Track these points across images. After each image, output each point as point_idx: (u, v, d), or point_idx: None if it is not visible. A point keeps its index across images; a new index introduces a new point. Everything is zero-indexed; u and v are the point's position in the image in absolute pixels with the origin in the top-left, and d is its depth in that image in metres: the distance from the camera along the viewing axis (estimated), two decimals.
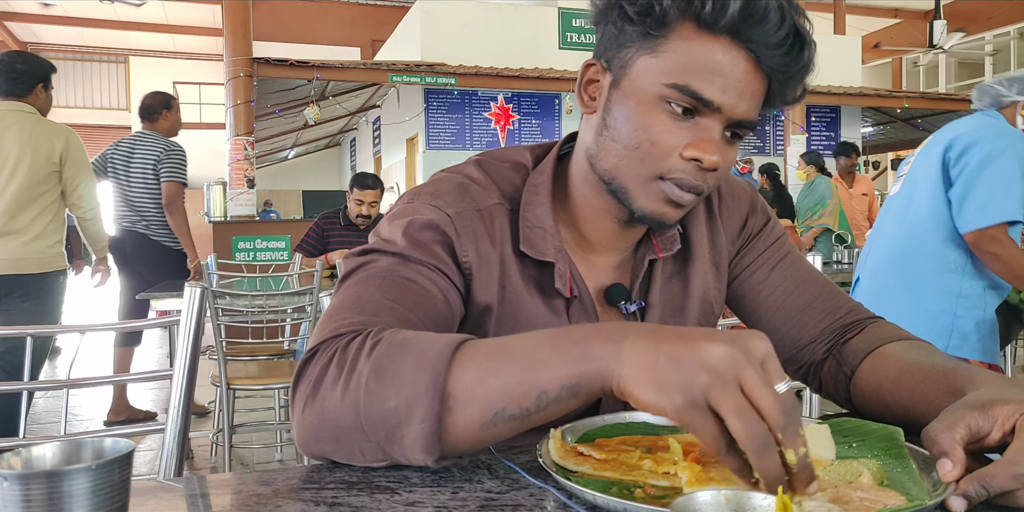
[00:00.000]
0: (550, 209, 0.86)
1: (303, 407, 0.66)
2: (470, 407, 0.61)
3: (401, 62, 8.38)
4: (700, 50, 0.75)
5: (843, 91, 9.79)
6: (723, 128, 0.77)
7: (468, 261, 0.83)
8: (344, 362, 0.66)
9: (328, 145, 16.21)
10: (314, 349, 0.70)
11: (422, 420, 0.61)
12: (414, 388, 0.62)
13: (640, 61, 0.78)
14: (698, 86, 0.75)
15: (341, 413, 0.64)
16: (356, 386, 0.64)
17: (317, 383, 0.66)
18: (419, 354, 0.63)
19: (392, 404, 0.62)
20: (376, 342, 0.66)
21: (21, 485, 0.44)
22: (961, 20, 13.06)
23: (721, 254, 0.96)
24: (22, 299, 2.90)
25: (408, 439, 0.62)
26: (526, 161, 0.91)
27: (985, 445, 0.62)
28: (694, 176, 0.78)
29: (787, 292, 0.95)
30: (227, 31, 7.12)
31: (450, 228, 0.82)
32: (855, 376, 0.87)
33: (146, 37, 15.22)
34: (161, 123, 4.02)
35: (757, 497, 0.46)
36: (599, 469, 0.64)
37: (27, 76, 3.03)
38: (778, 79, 0.77)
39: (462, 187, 0.86)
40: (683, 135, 0.77)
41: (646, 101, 0.77)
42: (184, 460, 1.01)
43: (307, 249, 3.96)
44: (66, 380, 1.05)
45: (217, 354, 2.84)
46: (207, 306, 1.16)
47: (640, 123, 0.78)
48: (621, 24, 0.78)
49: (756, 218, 0.99)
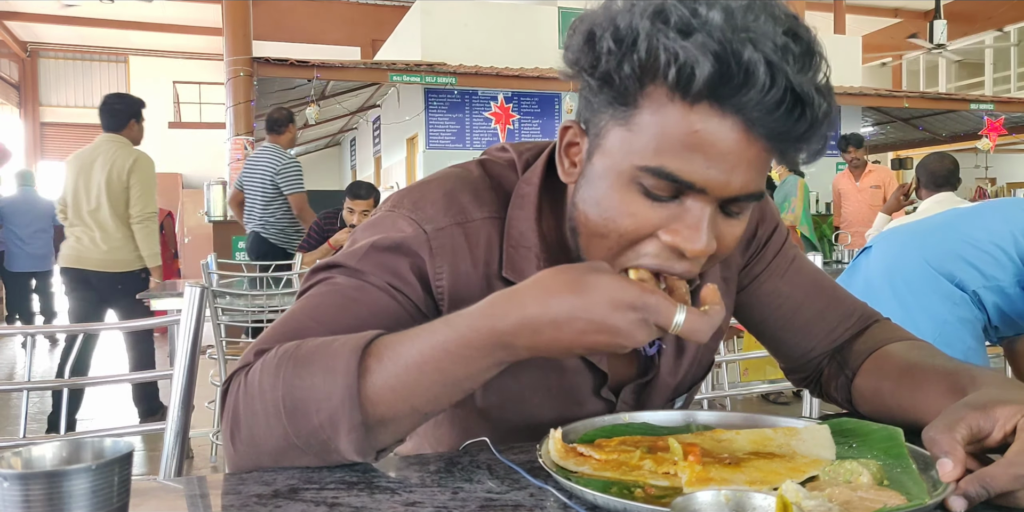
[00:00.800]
0: (535, 224, 0.78)
1: (232, 444, 0.68)
2: (388, 408, 0.64)
3: (401, 62, 8.37)
4: (675, 122, 0.62)
5: (843, 91, 9.78)
6: (716, 206, 0.66)
7: (441, 285, 0.76)
8: (253, 392, 0.67)
9: (328, 145, 16.19)
10: (229, 379, 0.71)
11: (348, 431, 0.64)
12: (330, 403, 0.63)
13: (613, 134, 0.67)
14: (675, 167, 0.63)
15: (272, 438, 0.66)
16: (275, 411, 0.65)
17: (235, 417, 0.68)
18: (326, 368, 0.64)
19: (316, 422, 0.64)
20: (278, 362, 0.66)
21: (21, 485, 0.44)
22: (961, 20, 13.05)
23: (731, 268, 0.91)
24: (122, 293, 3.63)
25: (343, 448, 0.65)
26: (517, 162, 0.83)
27: (986, 445, 0.62)
28: (673, 263, 0.67)
29: (797, 302, 0.91)
30: (227, 31, 7.12)
31: (423, 248, 0.75)
32: (856, 377, 0.86)
33: (146, 37, 15.21)
34: (285, 135, 4.62)
35: (757, 497, 0.46)
36: (599, 469, 0.64)
37: (123, 114, 3.72)
38: (780, 145, 0.64)
39: (451, 195, 0.78)
40: (663, 216, 0.66)
41: (619, 184, 0.66)
42: (184, 460, 1.01)
43: (308, 248, 4.00)
44: (66, 380, 1.05)
45: (217, 354, 2.84)
46: (207, 306, 1.16)
47: (611, 212, 0.67)
48: (590, 90, 0.68)
49: (766, 225, 0.93)
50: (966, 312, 1.98)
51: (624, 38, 0.62)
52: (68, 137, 16.46)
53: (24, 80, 16.13)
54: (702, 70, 0.59)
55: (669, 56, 0.60)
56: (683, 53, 0.59)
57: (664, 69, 0.60)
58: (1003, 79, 14.41)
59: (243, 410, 0.68)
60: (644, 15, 0.61)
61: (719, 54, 0.58)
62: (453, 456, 0.72)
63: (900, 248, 2.13)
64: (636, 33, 0.61)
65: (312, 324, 0.72)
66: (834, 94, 0.65)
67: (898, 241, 2.16)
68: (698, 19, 0.59)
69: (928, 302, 2.00)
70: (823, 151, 0.65)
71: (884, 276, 2.09)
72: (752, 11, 0.60)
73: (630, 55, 0.62)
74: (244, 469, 0.69)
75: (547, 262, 0.77)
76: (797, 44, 0.61)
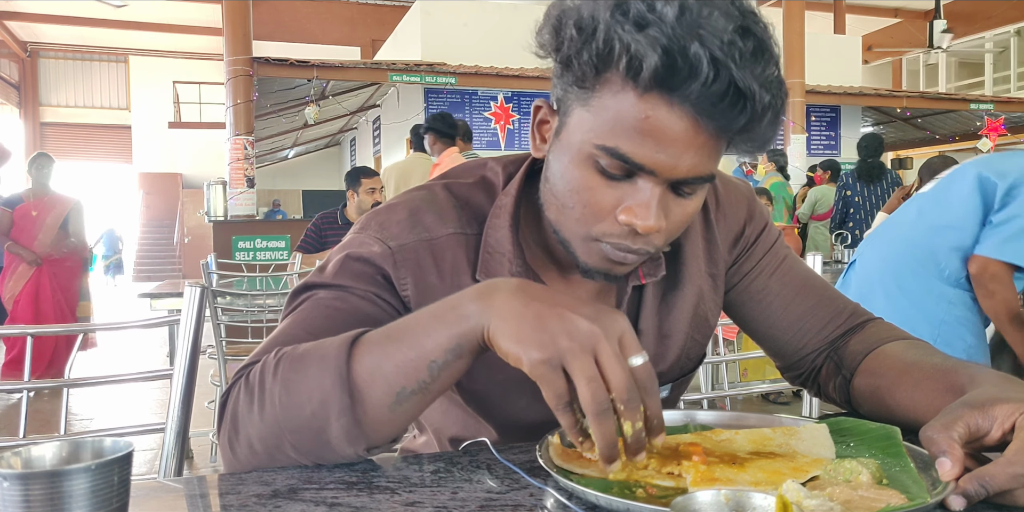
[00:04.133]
0: (509, 233, 0.81)
1: (231, 447, 0.69)
2: (375, 393, 0.65)
3: (401, 62, 8.38)
4: (628, 107, 0.66)
5: (843, 91, 9.79)
6: (666, 187, 0.70)
7: (407, 294, 0.80)
8: (252, 390, 0.68)
9: (328, 145, 16.20)
10: (227, 390, 0.72)
11: (338, 416, 0.65)
12: (322, 389, 0.65)
13: (575, 113, 0.71)
14: (627, 149, 0.67)
15: (266, 436, 0.67)
16: (271, 406, 0.67)
17: (234, 418, 0.69)
18: (319, 358, 0.66)
19: (308, 411, 0.65)
20: (278, 361, 0.69)
21: (21, 485, 0.44)
22: (961, 20, 13.05)
23: (717, 264, 0.92)
24: None
25: (333, 438, 0.66)
26: (497, 180, 0.86)
27: (985, 444, 0.62)
28: (632, 240, 0.72)
29: (787, 300, 0.92)
30: (227, 31, 7.12)
31: (388, 262, 0.79)
32: (854, 377, 0.86)
33: (146, 37, 15.23)
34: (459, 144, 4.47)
35: (757, 497, 0.46)
36: (601, 470, 0.64)
37: (418, 138, 4.38)
38: (726, 135, 0.67)
39: (416, 215, 0.82)
40: (618, 196, 0.71)
41: (579, 159, 0.71)
42: (184, 460, 1.02)
43: (307, 249, 4.01)
44: (66, 380, 1.05)
45: (217, 354, 2.84)
46: (207, 306, 1.16)
47: (573, 184, 0.72)
48: (555, 70, 0.72)
49: (754, 224, 0.94)
50: (962, 311, 1.98)
51: (585, 27, 0.66)
52: (68, 137, 16.47)
53: (24, 80, 16.14)
54: (650, 62, 0.62)
55: (622, 47, 0.64)
56: (635, 45, 0.63)
57: (618, 59, 0.65)
58: (1003, 79, 14.42)
59: (242, 410, 0.68)
60: (607, 7, 0.65)
61: (667, 48, 0.62)
62: (453, 456, 0.72)
63: (888, 250, 2.13)
64: (596, 23, 0.65)
65: (303, 334, 0.74)
66: (784, 88, 0.68)
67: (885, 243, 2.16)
68: (654, 14, 0.63)
69: (923, 304, 2.00)
70: (771, 142, 0.69)
71: (877, 282, 2.09)
72: (707, 7, 0.64)
73: (589, 44, 0.66)
74: (242, 472, 0.69)
75: (520, 267, 0.82)
76: (747, 40, 0.64)
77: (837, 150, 11.01)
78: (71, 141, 16.58)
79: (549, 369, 0.59)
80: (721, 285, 0.93)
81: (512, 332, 0.61)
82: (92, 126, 16.54)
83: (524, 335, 0.60)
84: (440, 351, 0.64)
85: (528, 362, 0.60)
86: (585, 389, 0.58)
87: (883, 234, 2.20)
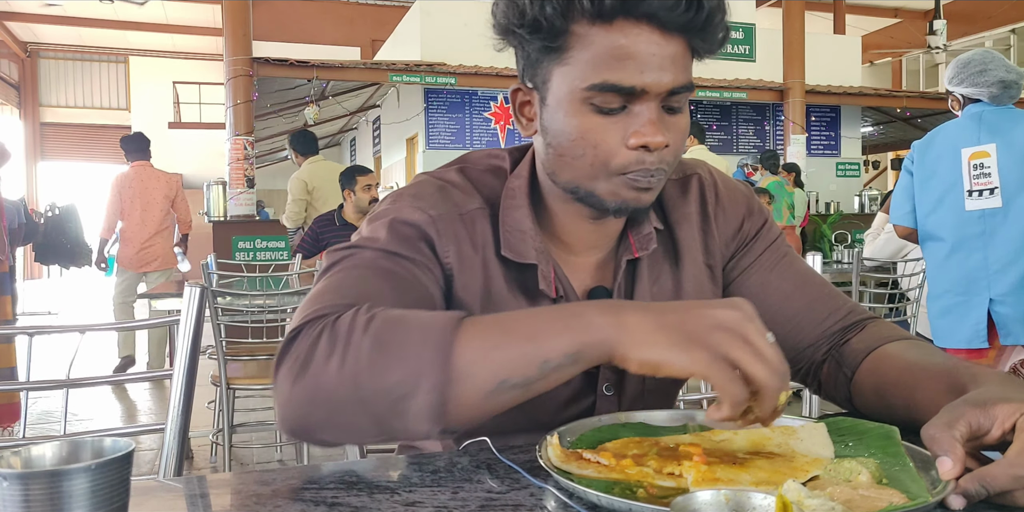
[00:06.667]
0: (528, 212, 0.86)
1: (291, 384, 0.65)
2: (475, 378, 0.63)
3: (401, 62, 8.37)
4: (601, 43, 0.74)
5: (843, 91, 9.78)
6: (659, 105, 0.77)
7: (449, 262, 0.83)
8: (336, 337, 0.66)
9: (328, 145, 16.19)
10: (297, 329, 0.69)
11: (429, 391, 0.62)
12: (420, 360, 0.63)
13: (556, 74, 0.78)
14: (615, 78, 0.74)
15: (338, 387, 0.64)
16: (355, 360, 0.64)
17: (307, 359, 0.65)
18: (421, 328, 0.65)
19: (397, 376, 0.63)
20: (370, 317, 0.66)
21: (21, 485, 0.44)
22: (961, 20, 13.05)
23: (715, 256, 0.94)
24: None
25: (413, 410, 0.63)
26: (505, 165, 0.91)
27: (985, 443, 0.62)
28: (649, 162, 0.77)
29: (786, 294, 0.93)
30: (227, 31, 7.11)
31: (431, 229, 0.82)
32: (855, 376, 0.86)
33: (146, 37, 15.21)
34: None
35: (757, 497, 0.46)
36: (602, 472, 0.64)
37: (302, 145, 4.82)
38: (689, 37, 0.76)
39: (443, 190, 0.86)
40: (621, 128, 0.76)
41: (573, 109, 0.77)
42: (184, 460, 1.01)
43: (305, 252, 4.01)
44: (66, 380, 1.05)
45: (217, 354, 2.84)
46: (207, 306, 1.15)
47: (576, 131, 0.77)
48: (524, 44, 0.79)
49: (753, 220, 0.96)
50: None
51: None
52: (68, 137, 16.46)
53: (24, 80, 16.13)
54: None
55: None
56: None
57: (579, 1, 0.73)
58: None
59: (319, 355, 0.65)
60: None
61: None
62: (453, 456, 0.72)
63: None
64: None
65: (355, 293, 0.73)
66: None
67: None
68: None
69: None
70: (726, 39, 0.79)
71: None
72: None
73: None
74: (291, 425, 0.66)
75: (540, 244, 0.86)
76: None
77: (837, 150, 11.00)
78: (71, 141, 16.57)
79: (719, 365, 0.61)
80: (719, 277, 0.95)
81: (664, 342, 0.62)
82: (92, 126, 16.51)
83: (678, 341, 0.62)
84: (557, 353, 0.63)
85: (696, 363, 0.61)
86: (760, 369, 0.61)
87: None
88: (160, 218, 5.21)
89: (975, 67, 2.36)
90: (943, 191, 2.39)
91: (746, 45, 9.89)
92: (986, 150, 2.30)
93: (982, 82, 2.34)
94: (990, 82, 2.33)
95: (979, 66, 2.35)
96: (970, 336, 2.31)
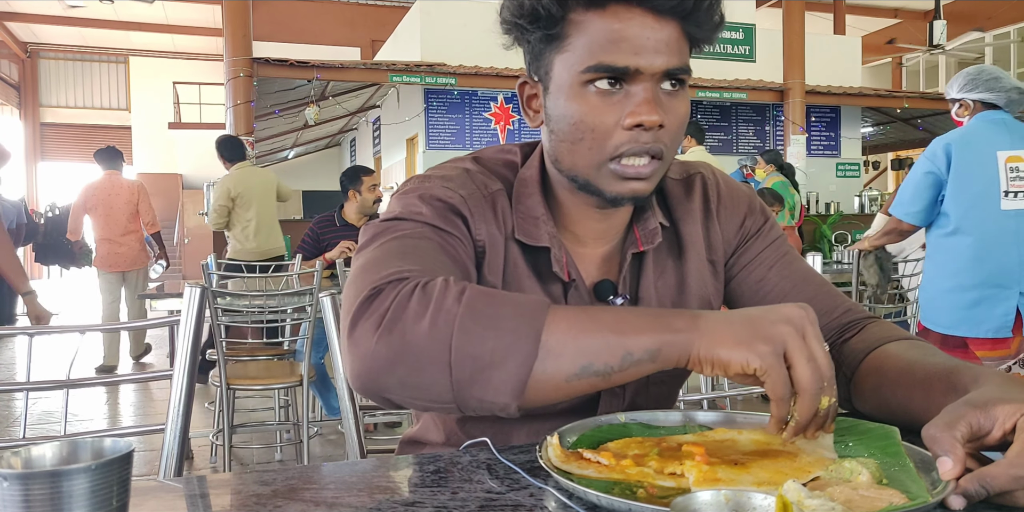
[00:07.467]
0: (540, 199, 0.89)
1: (375, 338, 0.65)
2: (561, 359, 0.65)
3: (401, 62, 8.37)
4: (597, 27, 0.77)
5: (843, 91, 9.79)
6: (655, 86, 0.78)
7: (482, 241, 0.86)
8: (428, 300, 0.67)
9: (328, 145, 16.19)
10: (377, 288, 0.69)
11: (519, 365, 0.64)
12: (515, 333, 0.65)
13: (556, 62, 0.81)
14: (609, 59, 0.76)
15: (428, 347, 0.65)
16: (446, 324, 0.65)
17: (395, 317, 0.66)
18: (514, 305, 0.67)
19: (490, 345, 0.64)
20: (462, 288, 0.68)
21: (21, 485, 0.44)
22: (961, 20, 13.05)
23: (717, 252, 0.96)
24: None
25: (496, 380, 0.65)
26: (516, 158, 0.94)
27: (985, 444, 0.62)
28: (643, 141, 0.79)
29: (784, 292, 0.95)
30: (227, 31, 7.12)
31: (464, 208, 0.85)
32: (855, 376, 0.87)
33: (146, 37, 15.21)
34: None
35: (757, 497, 0.46)
36: (602, 472, 0.64)
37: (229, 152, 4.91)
38: (685, 19, 0.78)
39: (468, 173, 0.89)
40: (617, 110, 0.79)
41: (573, 93, 0.80)
42: (184, 460, 1.01)
43: (305, 252, 3.99)
44: (66, 380, 1.05)
45: (217, 354, 2.84)
46: (207, 306, 1.15)
47: (576, 115, 0.80)
48: (526, 38, 0.83)
49: (754, 218, 0.98)
50: None
51: None
52: (68, 138, 16.46)
53: (24, 81, 16.13)
54: None
55: None
56: None
57: None
58: None
59: (410, 314, 0.66)
60: None
61: None
62: (453, 456, 0.72)
63: None
64: None
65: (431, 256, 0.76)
66: None
67: None
68: None
69: None
70: (721, 26, 0.81)
71: None
72: None
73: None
74: (363, 373, 0.66)
75: (553, 229, 0.88)
76: None
77: (837, 150, 11.01)
78: (71, 142, 16.56)
79: (776, 359, 0.63)
80: (721, 273, 0.97)
81: (731, 339, 0.65)
82: (92, 127, 16.51)
83: (744, 337, 0.64)
84: (640, 347, 0.66)
85: (756, 356, 0.63)
86: (805, 369, 0.63)
87: None
88: (124, 222, 5.56)
89: (988, 75, 2.53)
90: (980, 190, 2.49)
91: (746, 45, 9.89)
92: (1020, 155, 2.46)
93: (999, 88, 2.51)
94: (1007, 88, 2.50)
95: (991, 74, 2.54)
96: (998, 326, 2.47)
